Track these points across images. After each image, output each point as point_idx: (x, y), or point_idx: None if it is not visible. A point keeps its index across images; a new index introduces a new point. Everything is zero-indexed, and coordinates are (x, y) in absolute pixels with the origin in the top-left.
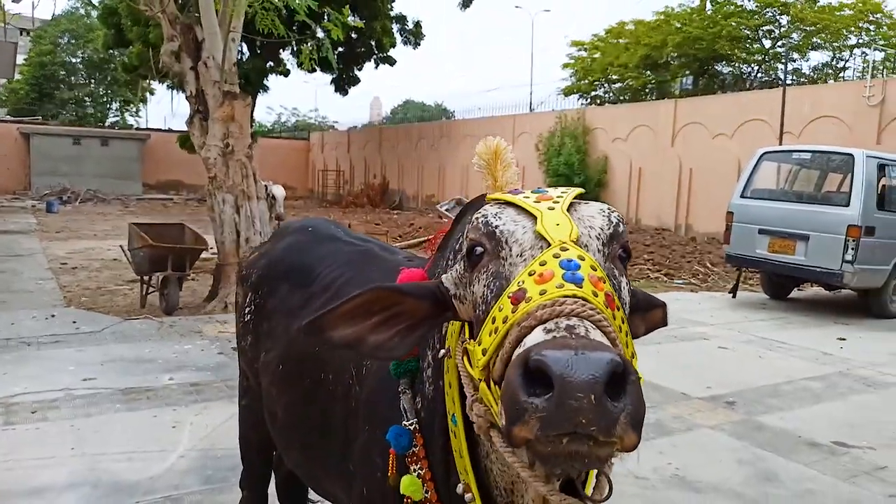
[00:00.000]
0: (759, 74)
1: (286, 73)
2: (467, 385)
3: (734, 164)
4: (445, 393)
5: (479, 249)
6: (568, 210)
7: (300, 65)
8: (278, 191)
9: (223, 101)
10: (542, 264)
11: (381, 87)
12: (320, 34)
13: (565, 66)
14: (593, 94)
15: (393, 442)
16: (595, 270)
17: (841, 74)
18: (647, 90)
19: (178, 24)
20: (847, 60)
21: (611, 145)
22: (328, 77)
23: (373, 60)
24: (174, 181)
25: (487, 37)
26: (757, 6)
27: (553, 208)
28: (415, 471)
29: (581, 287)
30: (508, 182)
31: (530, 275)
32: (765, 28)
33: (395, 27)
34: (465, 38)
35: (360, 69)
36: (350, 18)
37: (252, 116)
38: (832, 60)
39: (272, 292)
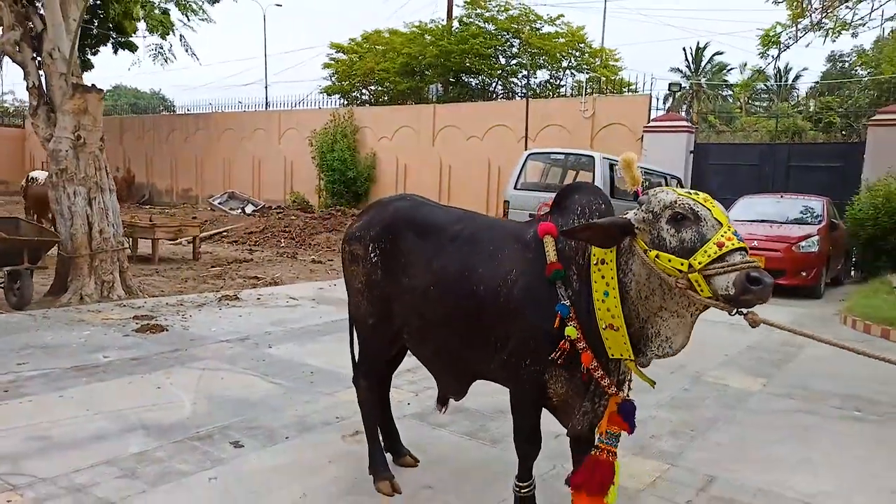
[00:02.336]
0: (499, 87)
1: None
2: (663, 276)
3: (485, 162)
4: (595, 281)
5: (681, 216)
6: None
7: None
8: None
9: (73, 93)
10: (725, 233)
11: (125, 75)
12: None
13: (326, 66)
14: (354, 94)
15: (562, 311)
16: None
17: (559, 90)
18: (405, 95)
19: (15, 13)
20: (562, 79)
21: (378, 143)
22: None
23: (110, 45)
24: None
25: (239, 31)
26: (495, 30)
27: (715, 206)
28: (571, 323)
29: (743, 241)
30: (638, 177)
31: (722, 236)
32: (501, 48)
33: (141, 13)
34: (216, 31)
35: (94, 53)
36: None
37: None
38: (551, 79)
39: (401, 239)
